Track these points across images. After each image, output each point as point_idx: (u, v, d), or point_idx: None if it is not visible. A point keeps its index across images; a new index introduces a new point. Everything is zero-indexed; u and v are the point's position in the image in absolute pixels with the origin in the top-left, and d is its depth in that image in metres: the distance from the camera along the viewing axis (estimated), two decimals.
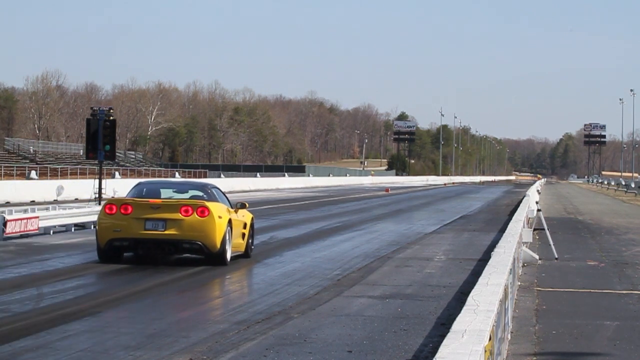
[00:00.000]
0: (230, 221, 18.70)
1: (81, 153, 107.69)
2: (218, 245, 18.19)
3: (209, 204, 18.37)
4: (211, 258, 18.31)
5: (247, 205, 20.26)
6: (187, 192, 19.59)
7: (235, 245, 19.14)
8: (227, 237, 18.50)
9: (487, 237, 27.21)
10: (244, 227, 19.88)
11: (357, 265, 19.37)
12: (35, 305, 13.24)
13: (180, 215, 18.11)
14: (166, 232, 18.08)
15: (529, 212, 26.68)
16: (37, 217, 24.80)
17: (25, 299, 13.74)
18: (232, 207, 19.46)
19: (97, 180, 35.42)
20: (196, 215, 18.13)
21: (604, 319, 13.06)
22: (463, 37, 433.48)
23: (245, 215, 20.07)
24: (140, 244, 18.26)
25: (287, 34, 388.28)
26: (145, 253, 18.45)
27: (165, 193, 19.52)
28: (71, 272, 17.02)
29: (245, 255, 20.01)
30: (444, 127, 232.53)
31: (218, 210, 18.48)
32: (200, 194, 19.23)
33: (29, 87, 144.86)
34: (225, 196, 19.94)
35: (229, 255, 18.66)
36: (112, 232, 18.18)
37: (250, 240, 20.33)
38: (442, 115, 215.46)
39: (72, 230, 26.83)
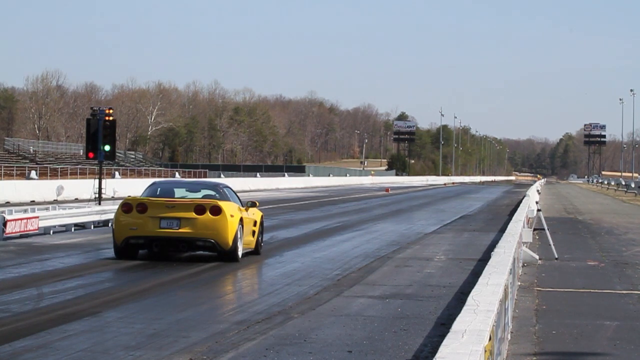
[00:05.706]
0: (241, 219, 19.25)
1: (81, 153, 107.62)
2: (230, 242, 18.73)
3: (222, 203, 18.91)
4: (223, 255, 18.86)
5: (257, 203, 20.92)
6: (199, 191, 20.13)
7: (246, 242, 19.74)
8: (239, 235, 19.04)
9: (487, 237, 27.20)
10: (254, 225, 20.43)
11: (357, 265, 19.38)
12: (35, 305, 13.22)
13: (193, 214, 18.68)
14: (180, 230, 18.64)
15: (529, 212, 26.67)
16: (37, 217, 24.80)
17: (25, 299, 13.74)
18: (243, 206, 20.02)
19: (97, 180, 35.43)
20: (209, 214, 18.69)
21: (604, 319, 13.05)
22: (463, 37, 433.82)
23: (255, 213, 20.62)
24: (155, 242, 18.82)
25: (287, 34, 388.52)
26: (160, 251, 18.99)
27: (179, 192, 20.05)
28: (71, 272, 17.02)
29: (255, 252, 20.58)
30: (444, 127, 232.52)
31: (230, 209, 19.01)
32: (213, 193, 19.78)
33: (29, 87, 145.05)
34: (237, 195, 20.47)
35: (240, 252, 19.17)
36: (128, 230, 18.75)
37: (260, 238, 20.86)
38: (442, 115, 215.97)
39: (72, 230, 26.83)
